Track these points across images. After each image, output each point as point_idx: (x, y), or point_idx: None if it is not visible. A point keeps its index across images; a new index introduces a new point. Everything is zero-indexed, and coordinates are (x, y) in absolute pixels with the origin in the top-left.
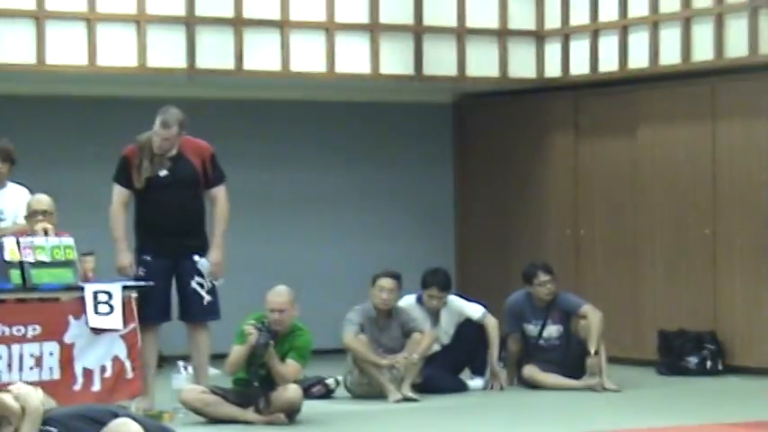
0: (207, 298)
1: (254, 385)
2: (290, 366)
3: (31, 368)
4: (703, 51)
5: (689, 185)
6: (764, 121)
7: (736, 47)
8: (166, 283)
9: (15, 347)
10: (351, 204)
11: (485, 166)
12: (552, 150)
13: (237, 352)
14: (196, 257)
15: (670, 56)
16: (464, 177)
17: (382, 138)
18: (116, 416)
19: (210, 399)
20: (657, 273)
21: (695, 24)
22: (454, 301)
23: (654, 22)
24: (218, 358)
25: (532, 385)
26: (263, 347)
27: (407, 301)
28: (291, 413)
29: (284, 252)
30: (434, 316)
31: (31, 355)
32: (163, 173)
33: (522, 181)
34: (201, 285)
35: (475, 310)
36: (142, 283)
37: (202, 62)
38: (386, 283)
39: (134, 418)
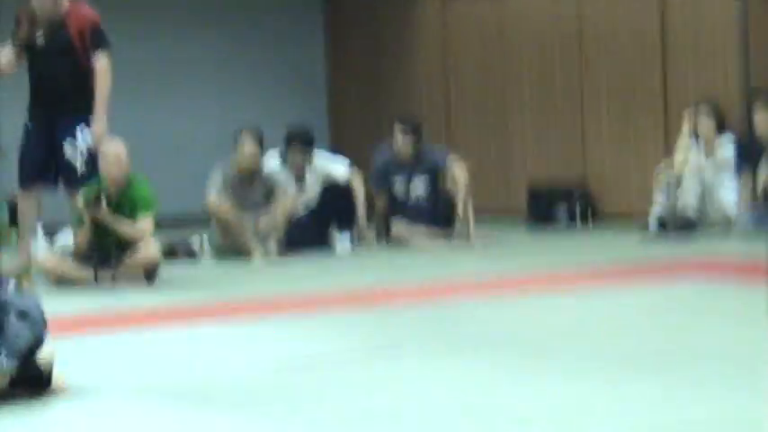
0: (81, 169)
1: (112, 250)
2: (141, 222)
3: None
4: None
5: (555, 38)
6: None
7: None
8: (43, 150)
9: None
10: (220, 67)
11: (356, 28)
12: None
13: (81, 234)
14: (77, 128)
15: None
16: (336, 38)
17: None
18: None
19: (69, 264)
20: (526, 127)
21: None
22: (320, 160)
23: None
24: None
25: (400, 242)
26: (96, 206)
27: (272, 162)
28: (151, 273)
29: (154, 118)
30: (299, 176)
31: None
32: (40, 39)
33: (393, 38)
34: (77, 155)
35: (341, 170)
36: None
37: None
38: (248, 142)
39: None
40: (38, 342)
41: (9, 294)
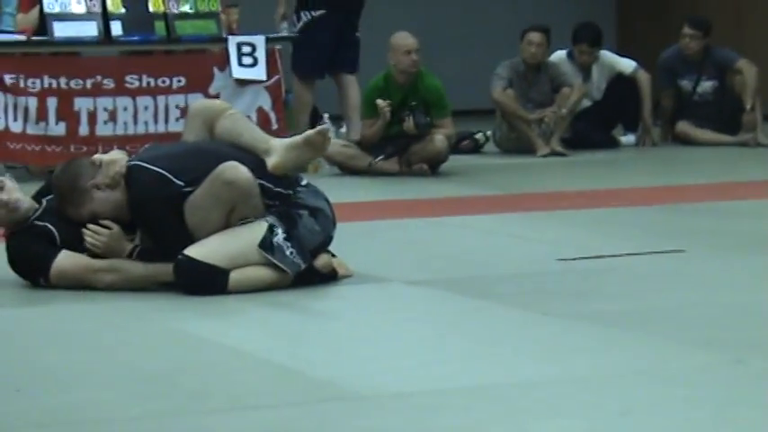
0: None
1: (400, 140)
2: (444, 129)
3: (177, 119)
4: None
5: None
6: None
7: None
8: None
9: (161, 99)
10: None
11: None
12: None
13: (374, 129)
14: None
15: None
16: None
17: None
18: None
19: (353, 152)
20: None
21: None
22: (606, 56)
23: None
24: None
25: (685, 141)
26: (424, 128)
27: (558, 57)
28: (436, 164)
29: (435, 12)
30: (585, 71)
31: (177, 107)
32: None
33: None
34: None
35: (627, 65)
36: (286, 35)
37: None
38: (535, 36)
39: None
40: (327, 241)
41: (303, 191)
